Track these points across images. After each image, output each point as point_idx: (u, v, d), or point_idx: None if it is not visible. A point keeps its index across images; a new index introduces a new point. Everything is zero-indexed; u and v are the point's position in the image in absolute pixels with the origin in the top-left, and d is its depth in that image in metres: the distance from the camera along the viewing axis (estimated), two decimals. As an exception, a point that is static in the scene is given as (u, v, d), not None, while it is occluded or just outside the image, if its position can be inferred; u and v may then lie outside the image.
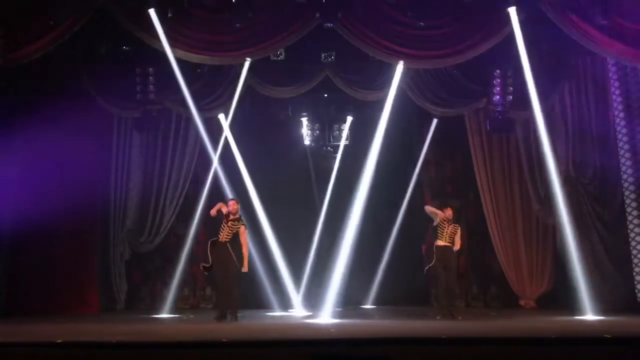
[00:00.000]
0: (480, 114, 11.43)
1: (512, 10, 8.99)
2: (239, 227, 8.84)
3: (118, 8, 8.98)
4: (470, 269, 11.95)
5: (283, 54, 10.10)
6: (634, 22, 8.80)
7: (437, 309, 9.51)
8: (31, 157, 10.46)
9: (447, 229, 9.30)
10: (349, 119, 12.01)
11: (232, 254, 8.71)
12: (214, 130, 11.58)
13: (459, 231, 9.39)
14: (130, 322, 8.82)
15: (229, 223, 8.83)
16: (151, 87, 10.40)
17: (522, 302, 11.37)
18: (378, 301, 11.79)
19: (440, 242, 9.29)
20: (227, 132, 11.38)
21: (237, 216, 8.91)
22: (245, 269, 8.82)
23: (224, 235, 8.84)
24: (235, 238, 8.81)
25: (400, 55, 9.45)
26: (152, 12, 8.92)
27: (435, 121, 11.60)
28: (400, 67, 10.02)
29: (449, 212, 9.40)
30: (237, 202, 9.07)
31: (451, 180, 12.47)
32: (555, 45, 10.12)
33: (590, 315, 9.21)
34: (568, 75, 10.77)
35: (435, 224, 9.41)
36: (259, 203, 11.64)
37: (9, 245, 10.17)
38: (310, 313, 10.17)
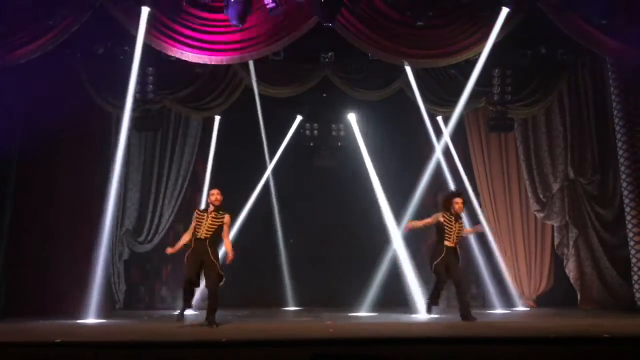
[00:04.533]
0: (479, 114, 11.45)
1: (505, 11, 8.99)
2: (222, 218, 8.02)
3: (115, 5, 8.97)
4: (469, 268, 11.94)
5: (282, 54, 10.09)
6: (633, 20, 8.81)
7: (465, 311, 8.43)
8: (30, 157, 10.45)
9: (455, 227, 8.56)
10: (353, 118, 12.00)
11: (212, 251, 7.93)
12: (213, 130, 11.63)
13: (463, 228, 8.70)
14: (129, 322, 8.82)
15: (212, 215, 7.98)
16: (150, 86, 10.40)
17: (521, 302, 11.37)
18: (374, 301, 11.75)
19: (447, 243, 8.51)
20: (225, 132, 11.44)
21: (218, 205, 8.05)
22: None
23: (204, 231, 7.98)
24: (216, 234, 8.02)
25: (399, 55, 9.45)
26: (144, 10, 8.91)
27: (440, 121, 11.53)
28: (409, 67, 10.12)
29: (458, 205, 8.57)
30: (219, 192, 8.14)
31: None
32: (554, 45, 10.13)
33: None
34: (567, 74, 10.79)
35: (437, 221, 8.56)
36: (256, 203, 11.68)
37: (8, 244, 10.16)
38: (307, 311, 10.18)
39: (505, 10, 8.97)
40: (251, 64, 10.23)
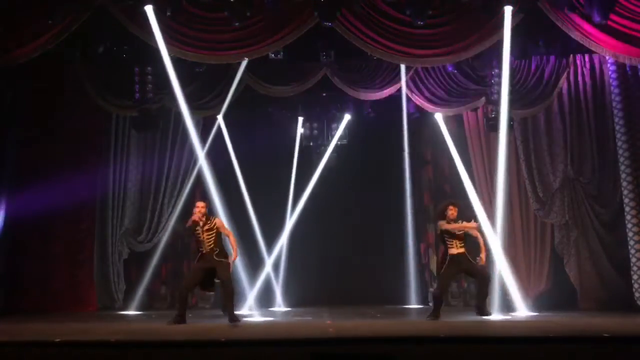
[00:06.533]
0: (478, 113, 11.44)
1: (508, 9, 8.97)
2: (214, 224, 7.97)
3: (115, 5, 8.96)
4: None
5: (281, 53, 10.08)
6: (632, 20, 8.81)
7: (481, 308, 8.48)
8: (29, 157, 10.45)
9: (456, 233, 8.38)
10: (346, 117, 12.02)
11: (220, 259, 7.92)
12: (212, 129, 11.63)
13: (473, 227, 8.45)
14: (128, 321, 8.81)
15: (205, 228, 7.92)
16: (150, 86, 10.40)
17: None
18: (374, 300, 11.75)
19: (453, 251, 8.35)
20: (224, 131, 11.45)
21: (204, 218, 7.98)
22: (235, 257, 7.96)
23: (206, 245, 7.92)
24: (218, 240, 8.00)
25: (399, 54, 9.44)
26: (149, 9, 8.89)
27: (440, 118, 11.51)
28: (403, 66, 10.10)
29: (451, 213, 8.40)
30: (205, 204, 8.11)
31: (449, 180, 12.45)
32: (554, 44, 10.12)
33: None
34: (567, 74, 10.79)
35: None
36: (254, 203, 11.69)
37: (7, 244, 10.16)
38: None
39: (508, 9, 8.95)
40: (250, 62, 10.23)
